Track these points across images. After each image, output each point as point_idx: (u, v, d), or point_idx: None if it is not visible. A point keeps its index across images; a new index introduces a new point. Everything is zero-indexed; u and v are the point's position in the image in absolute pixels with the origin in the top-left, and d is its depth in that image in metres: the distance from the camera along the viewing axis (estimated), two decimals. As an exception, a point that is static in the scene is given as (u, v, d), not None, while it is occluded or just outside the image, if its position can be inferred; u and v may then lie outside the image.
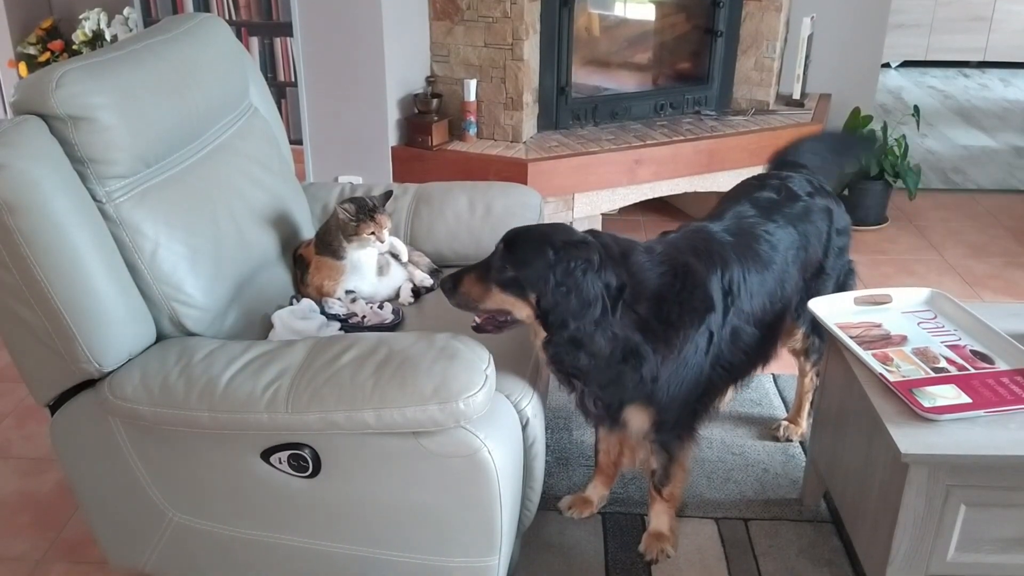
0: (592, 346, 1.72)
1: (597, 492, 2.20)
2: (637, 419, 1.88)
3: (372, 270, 2.14)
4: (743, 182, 2.21)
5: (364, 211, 2.05)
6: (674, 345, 1.78)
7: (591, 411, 1.90)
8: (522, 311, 1.73)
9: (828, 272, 2.15)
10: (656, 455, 1.99)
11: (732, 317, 1.87)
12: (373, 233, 2.04)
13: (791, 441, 2.45)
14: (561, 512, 2.19)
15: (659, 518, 2.06)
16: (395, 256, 2.24)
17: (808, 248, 2.07)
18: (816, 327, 2.20)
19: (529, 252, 1.70)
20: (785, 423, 2.48)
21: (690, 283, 1.80)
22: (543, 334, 1.75)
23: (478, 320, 1.78)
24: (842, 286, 2.20)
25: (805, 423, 2.47)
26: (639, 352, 1.75)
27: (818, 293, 2.10)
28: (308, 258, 2.12)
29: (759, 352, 2.02)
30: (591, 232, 1.78)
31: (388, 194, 2.17)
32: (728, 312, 1.86)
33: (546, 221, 2.23)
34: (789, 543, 2.07)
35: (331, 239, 2.07)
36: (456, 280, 1.75)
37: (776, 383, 2.72)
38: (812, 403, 2.42)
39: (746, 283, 1.89)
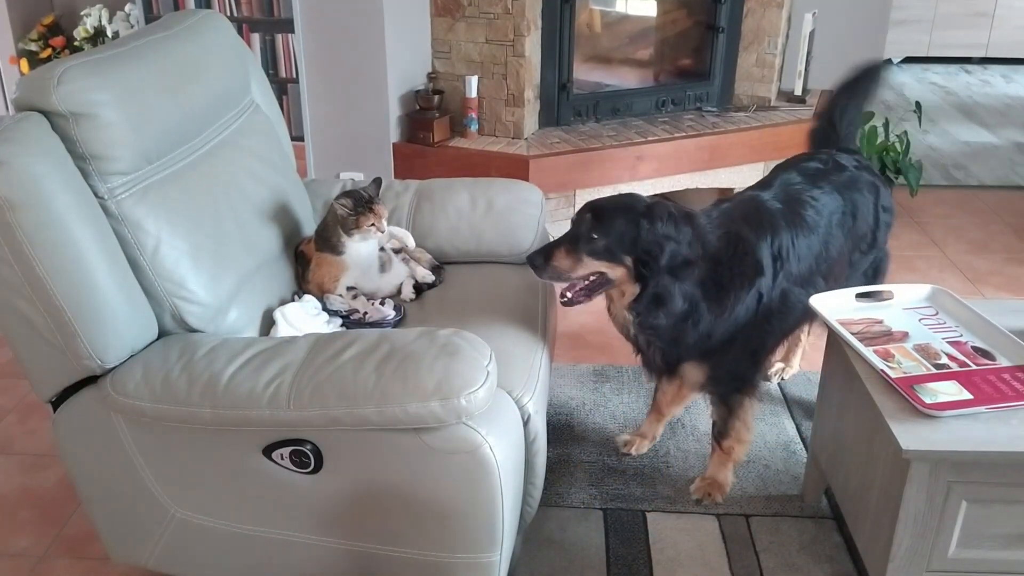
0: (671, 303, 1.88)
1: (652, 429, 2.39)
2: (693, 373, 2.06)
3: (374, 266, 2.14)
4: (792, 156, 2.34)
5: (361, 203, 2.05)
6: (725, 306, 1.93)
7: (656, 366, 2.06)
8: (616, 272, 1.88)
9: (881, 246, 2.28)
10: (715, 407, 2.16)
11: (781, 280, 2.00)
12: (373, 224, 2.05)
13: (783, 379, 2.69)
14: (619, 449, 2.37)
15: (716, 467, 2.20)
16: (397, 251, 2.24)
17: (856, 216, 2.18)
18: None
19: (617, 220, 1.85)
20: (779, 364, 2.68)
21: (741, 249, 1.95)
22: (631, 294, 1.90)
23: (569, 295, 1.91)
24: (878, 268, 2.36)
25: (796, 364, 2.71)
26: (698, 310, 1.91)
27: (870, 265, 2.31)
28: (309, 255, 2.12)
29: (806, 311, 2.07)
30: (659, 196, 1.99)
31: (378, 181, 2.17)
32: (777, 275, 1.99)
33: (547, 218, 2.25)
34: (790, 539, 2.08)
35: (330, 235, 2.08)
36: (547, 255, 1.89)
37: (780, 388, 2.72)
38: (803, 347, 2.70)
39: (795, 247, 2.02)
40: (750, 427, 2.16)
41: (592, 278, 1.89)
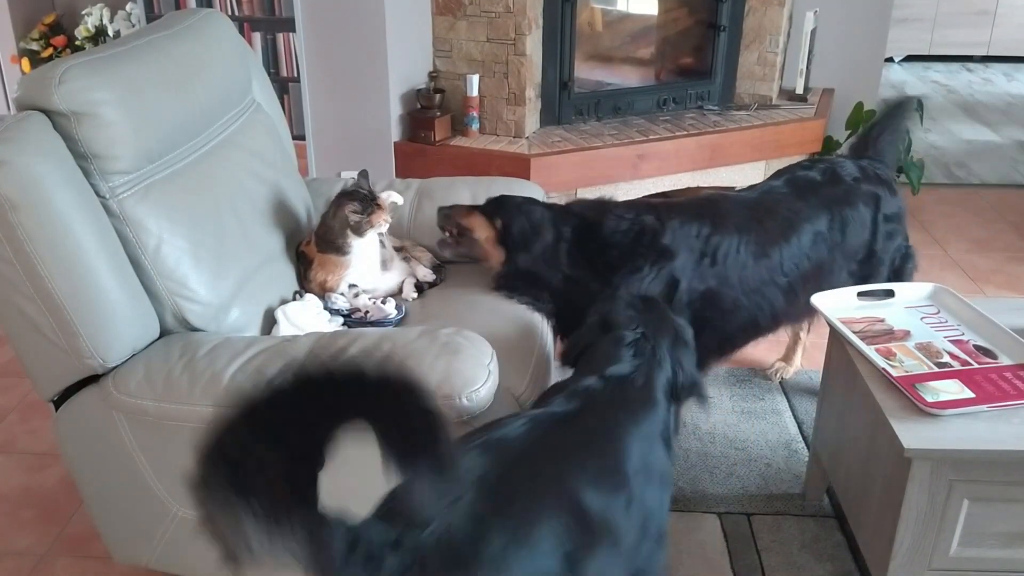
0: (543, 280, 2.04)
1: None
2: None
3: (375, 264, 2.14)
4: (795, 163, 2.34)
5: (368, 202, 2.05)
6: (611, 284, 1.98)
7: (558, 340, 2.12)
8: (483, 232, 2.10)
9: (880, 255, 2.25)
10: None
11: (710, 276, 2.03)
12: (384, 220, 2.07)
13: (784, 379, 2.66)
14: None
15: None
16: (398, 250, 2.24)
17: (846, 231, 2.17)
18: None
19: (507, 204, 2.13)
20: (779, 363, 2.68)
21: (647, 233, 2.02)
22: (498, 260, 2.09)
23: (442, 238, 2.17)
24: (898, 270, 2.32)
25: (797, 362, 2.68)
26: (587, 288, 1.98)
27: (870, 276, 2.26)
28: (310, 255, 2.12)
29: (752, 321, 2.13)
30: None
31: (366, 174, 2.18)
32: (701, 266, 2.03)
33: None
34: (792, 538, 2.08)
35: (333, 237, 2.07)
36: (453, 208, 2.16)
37: (783, 388, 2.72)
38: (803, 345, 2.69)
39: (739, 252, 2.05)
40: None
41: (465, 229, 2.13)
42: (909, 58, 6.98)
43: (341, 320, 2.05)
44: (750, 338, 2.22)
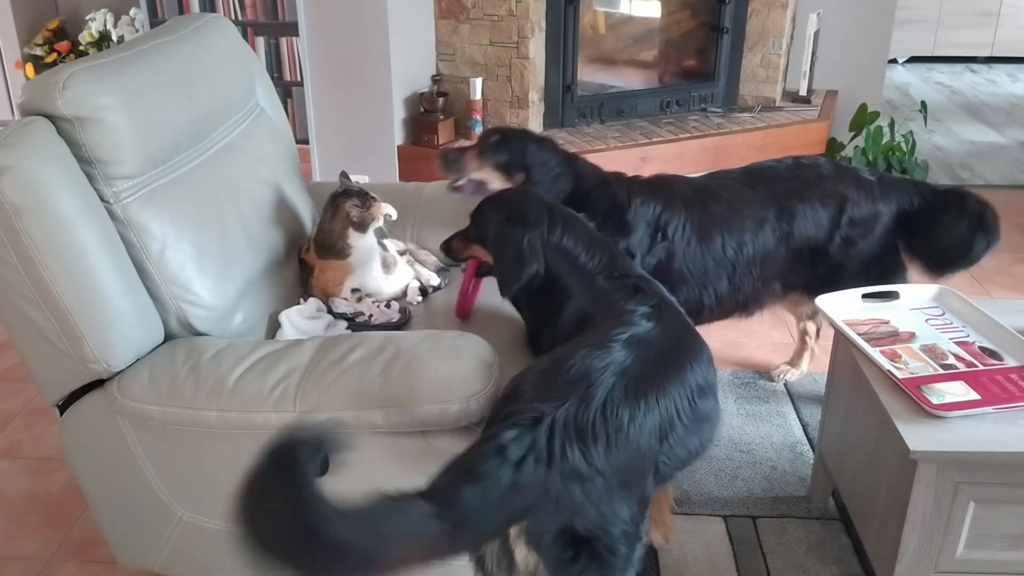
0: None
1: None
2: None
3: (377, 267, 2.14)
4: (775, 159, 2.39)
5: (363, 196, 2.07)
6: None
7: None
8: (503, 184, 2.20)
9: (836, 259, 2.23)
10: None
11: (660, 251, 2.14)
12: (385, 214, 2.10)
13: (789, 381, 2.66)
14: None
15: None
16: (402, 253, 2.24)
17: (793, 224, 2.19)
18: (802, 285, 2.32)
19: (517, 142, 2.23)
20: (784, 366, 2.68)
21: (615, 202, 2.15)
22: None
23: (459, 185, 2.25)
24: (872, 284, 2.16)
25: (805, 366, 2.67)
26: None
27: (825, 278, 2.22)
28: (311, 262, 2.12)
29: (699, 302, 2.22)
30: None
31: (345, 174, 2.20)
32: (655, 244, 2.14)
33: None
34: (797, 540, 2.07)
35: (333, 240, 2.07)
36: (461, 153, 2.25)
37: (788, 390, 2.72)
38: (811, 350, 2.67)
39: (685, 230, 2.15)
40: None
41: (481, 183, 2.22)
42: (913, 59, 6.97)
43: (345, 324, 2.05)
44: (700, 318, 2.25)
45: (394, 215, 2.29)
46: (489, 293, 2.19)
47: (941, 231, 2.23)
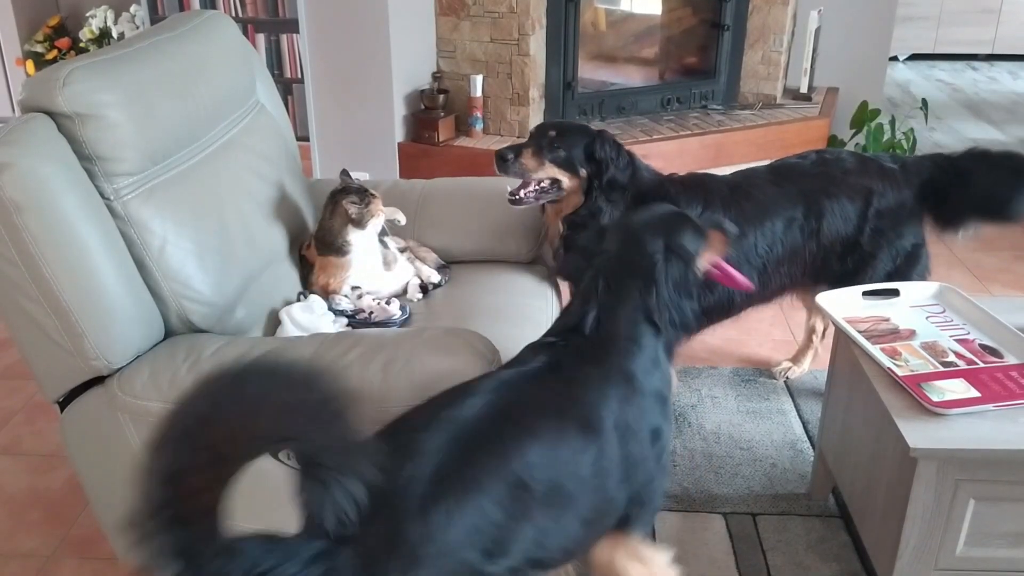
0: (601, 221, 2.10)
1: None
2: None
3: (377, 264, 2.14)
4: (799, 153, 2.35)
5: (362, 193, 2.07)
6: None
7: (570, 274, 2.06)
8: (571, 182, 2.16)
9: (867, 250, 2.23)
10: None
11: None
12: (380, 210, 2.09)
13: (789, 379, 2.65)
14: None
15: None
16: (402, 251, 2.24)
17: (823, 220, 2.18)
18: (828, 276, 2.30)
19: (576, 136, 2.15)
20: (787, 363, 2.66)
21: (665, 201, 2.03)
22: (572, 206, 2.17)
23: (520, 195, 2.17)
24: (898, 269, 2.27)
25: (807, 364, 2.66)
26: None
27: (857, 270, 2.24)
28: (311, 259, 2.13)
29: (731, 299, 2.21)
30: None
31: (346, 172, 2.20)
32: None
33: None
34: (797, 538, 2.07)
35: (333, 237, 2.07)
36: (516, 153, 2.15)
37: (788, 387, 2.72)
38: (815, 349, 2.65)
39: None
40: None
41: (544, 183, 2.16)
42: (914, 57, 6.96)
43: (345, 321, 2.05)
44: (729, 312, 2.27)
45: (402, 220, 2.28)
46: (490, 292, 2.19)
47: (977, 183, 2.24)
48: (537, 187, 2.17)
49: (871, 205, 2.21)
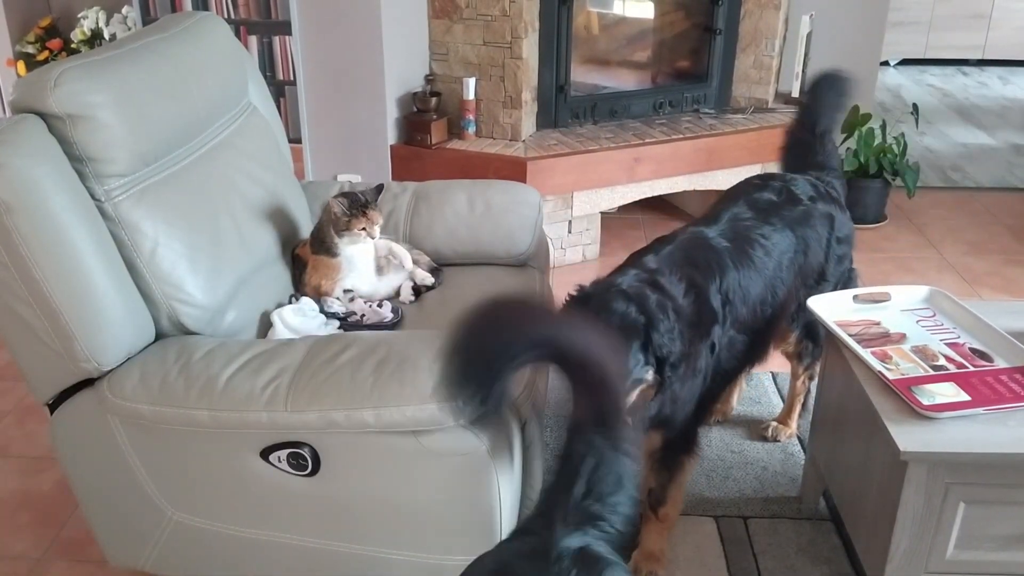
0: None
1: None
2: (651, 442, 1.89)
3: (370, 269, 2.14)
4: (744, 181, 2.17)
5: (356, 206, 2.06)
6: (692, 366, 1.74)
7: None
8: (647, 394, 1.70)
9: (828, 279, 2.14)
10: (656, 474, 1.93)
11: (729, 326, 1.85)
12: (364, 229, 2.06)
13: (779, 441, 2.43)
14: None
15: (651, 538, 1.98)
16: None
17: (808, 253, 2.04)
18: (810, 331, 2.21)
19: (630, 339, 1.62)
20: (774, 424, 2.46)
21: (698, 298, 1.76)
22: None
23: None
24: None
25: (795, 424, 2.45)
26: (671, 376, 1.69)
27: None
28: (305, 258, 2.12)
29: (749, 356, 2.00)
30: (602, 286, 1.69)
31: (379, 188, 2.18)
32: (726, 321, 1.83)
33: (545, 220, 2.21)
34: (788, 541, 2.08)
35: (324, 236, 2.08)
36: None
37: (775, 381, 2.72)
38: (803, 405, 2.43)
39: (741, 289, 1.86)
40: (684, 489, 1.97)
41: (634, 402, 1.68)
42: (905, 62, 6.99)
43: (337, 323, 2.05)
44: (739, 376, 2.19)
45: (408, 265, 2.20)
46: (482, 294, 2.19)
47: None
48: (637, 411, 1.69)
49: (833, 231, 2.11)
